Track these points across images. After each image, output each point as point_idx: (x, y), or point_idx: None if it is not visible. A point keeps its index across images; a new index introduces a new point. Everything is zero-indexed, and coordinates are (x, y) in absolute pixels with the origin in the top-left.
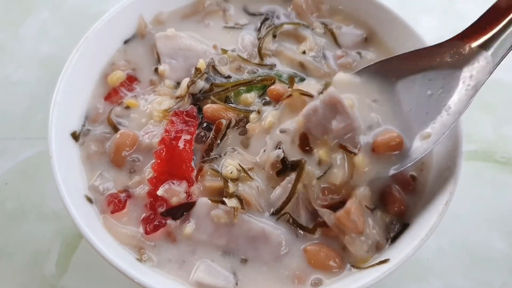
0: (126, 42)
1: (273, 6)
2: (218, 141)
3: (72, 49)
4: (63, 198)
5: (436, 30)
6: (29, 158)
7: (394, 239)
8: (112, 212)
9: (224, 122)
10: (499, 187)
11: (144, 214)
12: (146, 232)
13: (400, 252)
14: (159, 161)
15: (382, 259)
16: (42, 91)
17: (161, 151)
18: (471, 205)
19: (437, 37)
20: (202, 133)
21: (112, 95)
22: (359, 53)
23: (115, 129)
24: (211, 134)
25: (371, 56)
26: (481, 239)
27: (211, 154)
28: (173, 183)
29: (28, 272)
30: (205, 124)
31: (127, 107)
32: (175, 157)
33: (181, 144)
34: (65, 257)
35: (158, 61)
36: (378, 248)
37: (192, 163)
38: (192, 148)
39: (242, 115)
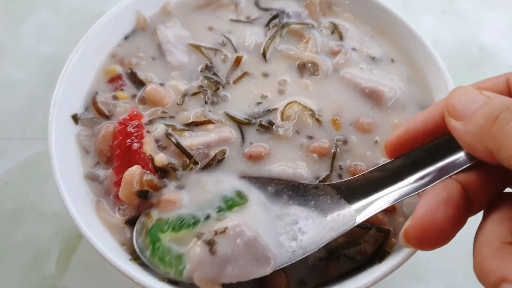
0: (126, 38)
1: (286, 1)
2: None
3: (72, 49)
4: (62, 198)
5: (436, 29)
6: (29, 158)
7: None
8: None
9: None
10: None
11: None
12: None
13: (400, 252)
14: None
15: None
16: (42, 91)
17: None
18: None
19: (436, 37)
20: None
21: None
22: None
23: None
24: None
25: (377, 53)
26: None
27: None
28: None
29: (28, 272)
30: None
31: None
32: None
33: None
34: (65, 257)
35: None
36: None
37: None
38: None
39: None
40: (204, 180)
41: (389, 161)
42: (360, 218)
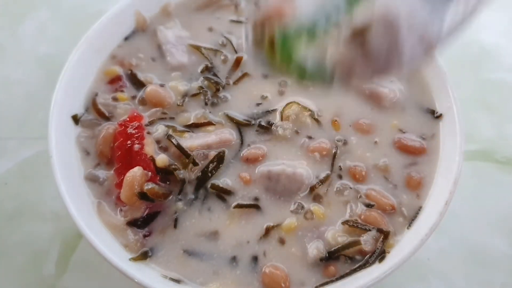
0: (126, 38)
1: None
2: None
3: (71, 49)
4: (63, 198)
5: None
6: (28, 158)
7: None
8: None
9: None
10: (499, 187)
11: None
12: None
13: (400, 252)
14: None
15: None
16: (41, 91)
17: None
18: (472, 205)
19: None
20: None
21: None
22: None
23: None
24: None
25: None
26: (481, 239)
27: None
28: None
29: (27, 272)
30: None
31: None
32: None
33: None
34: (64, 257)
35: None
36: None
37: None
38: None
39: None
40: None
41: None
42: None
